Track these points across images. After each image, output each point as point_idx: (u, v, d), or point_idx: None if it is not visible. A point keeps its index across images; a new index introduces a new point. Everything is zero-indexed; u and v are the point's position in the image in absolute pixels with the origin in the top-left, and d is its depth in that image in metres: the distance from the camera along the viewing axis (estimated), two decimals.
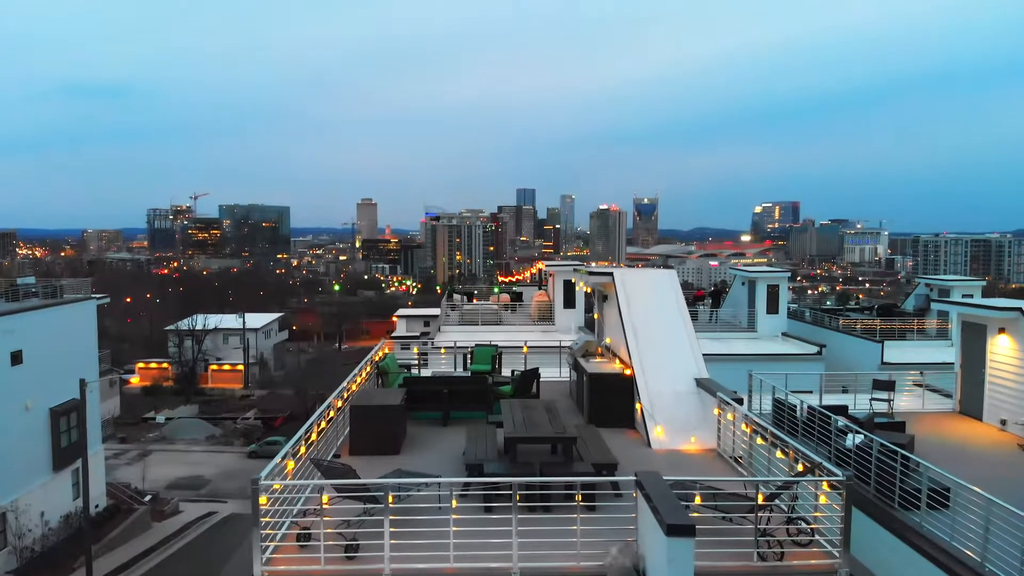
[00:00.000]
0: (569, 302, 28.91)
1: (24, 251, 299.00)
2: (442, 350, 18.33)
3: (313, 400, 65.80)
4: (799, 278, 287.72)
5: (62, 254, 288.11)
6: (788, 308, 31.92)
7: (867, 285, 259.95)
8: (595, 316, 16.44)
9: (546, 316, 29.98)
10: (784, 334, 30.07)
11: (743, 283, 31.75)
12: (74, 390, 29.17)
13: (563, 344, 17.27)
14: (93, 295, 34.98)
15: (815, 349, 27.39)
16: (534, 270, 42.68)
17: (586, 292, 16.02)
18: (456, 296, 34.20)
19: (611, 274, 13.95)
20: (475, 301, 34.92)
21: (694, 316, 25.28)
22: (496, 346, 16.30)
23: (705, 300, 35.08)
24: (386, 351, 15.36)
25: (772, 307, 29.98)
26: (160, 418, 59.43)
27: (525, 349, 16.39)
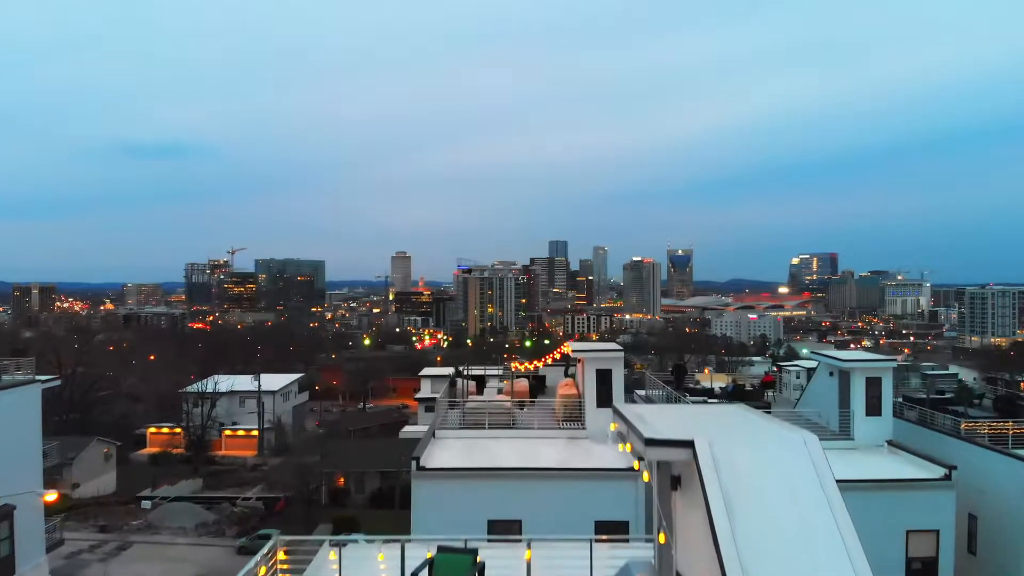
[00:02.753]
0: (603, 399, 22.23)
1: (63, 304, 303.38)
2: (380, 556, 10.92)
3: (320, 479, 59.43)
4: (839, 331, 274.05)
5: (102, 308, 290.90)
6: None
7: (912, 339, 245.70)
8: (658, 529, 8.90)
9: (574, 415, 23.33)
10: (890, 442, 22.86)
11: (830, 373, 24.58)
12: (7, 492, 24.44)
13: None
14: (38, 378, 29.68)
15: (941, 472, 20.11)
16: (558, 354, 35.40)
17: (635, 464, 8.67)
18: (460, 382, 27.47)
19: (691, 444, 6.92)
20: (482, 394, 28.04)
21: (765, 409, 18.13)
22: (474, 553, 9.19)
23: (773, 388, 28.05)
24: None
25: (873, 408, 22.77)
26: (146, 503, 53.42)
27: (528, 556, 9.31)
